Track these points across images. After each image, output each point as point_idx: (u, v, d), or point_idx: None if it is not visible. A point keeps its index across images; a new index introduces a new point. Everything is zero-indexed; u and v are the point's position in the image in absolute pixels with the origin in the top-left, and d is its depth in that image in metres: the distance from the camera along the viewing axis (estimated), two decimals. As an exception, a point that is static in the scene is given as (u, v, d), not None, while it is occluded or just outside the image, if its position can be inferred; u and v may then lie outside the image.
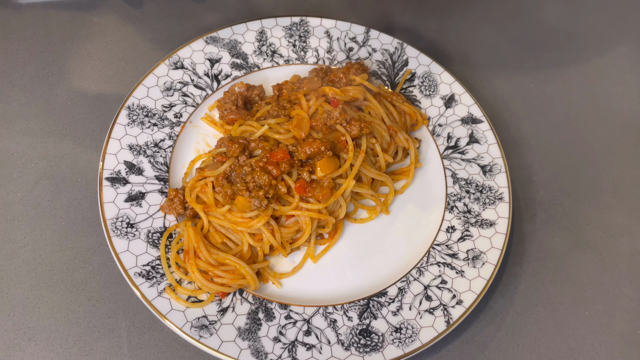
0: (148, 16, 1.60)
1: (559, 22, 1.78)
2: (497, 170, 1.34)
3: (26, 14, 1.55)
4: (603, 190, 1.44)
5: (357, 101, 1.33)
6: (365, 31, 1.52)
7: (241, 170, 1.16)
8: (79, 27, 1.54)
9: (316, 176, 1.19)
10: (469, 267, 1.21)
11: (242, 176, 1.16)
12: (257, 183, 1.14)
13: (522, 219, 1.37)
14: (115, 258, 1.12)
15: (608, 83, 1.65)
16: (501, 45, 1.70)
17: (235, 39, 1.47)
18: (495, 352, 1.19)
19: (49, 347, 1.10)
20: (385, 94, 1.40)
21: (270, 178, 1.14)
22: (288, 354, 1.08)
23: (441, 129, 1.41)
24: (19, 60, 1.46)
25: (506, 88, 1.60)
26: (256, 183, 1.14)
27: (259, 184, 1.14)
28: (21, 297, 1.15)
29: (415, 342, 1.11)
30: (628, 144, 1.53)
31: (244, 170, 1.16)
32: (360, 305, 1.16)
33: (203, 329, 1.08)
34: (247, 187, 1.14)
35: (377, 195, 1.30)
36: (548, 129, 1.54)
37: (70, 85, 1.43)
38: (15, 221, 1.23)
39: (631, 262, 1.33)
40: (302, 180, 1.18)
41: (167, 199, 1.21)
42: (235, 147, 1.18)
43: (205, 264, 1.13)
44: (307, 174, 1.18)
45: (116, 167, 1.23)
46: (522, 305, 1.25)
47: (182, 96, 1.37)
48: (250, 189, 1.14)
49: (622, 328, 1.24)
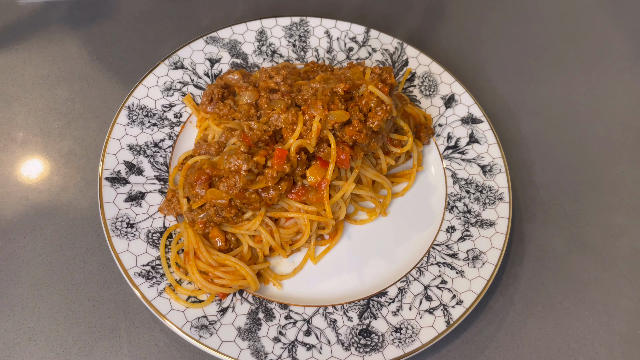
0: (148, 16, 1.60)
1: (559, 22, 1.78)
2: (497, 170, 1.34)
3: (26, 14, 1.55)
4: (603, 190, 1.44)
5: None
6: (365, 31, 1.52)
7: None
8: (78, 27, 1.54)
9: (308, 182, 1.18)
10: (469, 267, 1.21)
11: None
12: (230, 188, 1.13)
13: (522, 219, 1.37)
14: (115, 258, 1.12)
15: (608, 83, 1.65)
16: (501, 45, 1.70)
17: (235, 39, 1.47)
18: (495, 352, 1.19)
19: (49, 347, 1.10)
20: None
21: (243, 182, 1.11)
22: (288, 354, 1.08)
23: (441, 129, 1.41)
24: (19, 60, 1.46)
25: (506, 88, 1.60)
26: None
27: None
28: (21, 297, 1.15)
29: (415, 342, 1.11)
30: (628, 144, 1.53)
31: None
32: (360, 305, 1.16)
33: (203, 329, 1.08)
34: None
35: (377, 197, 1.30)
36: (548, 129, 1.54)
37: (70, 85, 1.43)
38: (15, 221, 1.23)
39: (631, 262, 1.33)
40: (299, 187, 1.18)
41: (165, 199, 1.21)
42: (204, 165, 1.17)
43: (205, 265, 1.13)
44: (299, 180, 1.18)
45: (116, 167, 1.23)
46: (522, 305, 1.25)
47: (182, 96, 1.37)
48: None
49: (622, 328, 1.24)
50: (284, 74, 1.28)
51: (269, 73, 1.30)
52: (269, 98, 1.24)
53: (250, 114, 1.24)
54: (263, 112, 1.21)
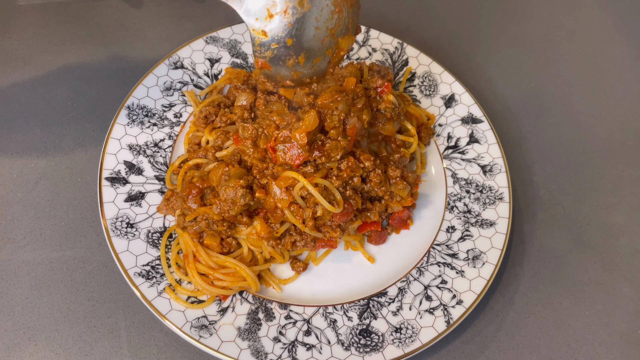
0: (148, 16, 1.60)
1: (559, 22, 1.78)
2: (497, 170, 1.34)
3: (26, 14, 1.55)
4: (603, 190, 1.44)
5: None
6: (365, 31, 1.51)
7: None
8: (79, 27, 1.54)
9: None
10: (469, 267, 1.21)
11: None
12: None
13: (522, 219, 1.37)
14: (115, 258, 1.12)
15: (608, 83, 1.65)
16: (501, 45, 1.70)
17: (235, 39, 1.47)
18: (495, 352, 1.19)
19: (49, 347, 1.10)
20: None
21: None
22: (288, 354, 1.08)
23: (441, 128, 1.41)
24: (19, 60, 1.46)
25: (506, 88, 1.60)
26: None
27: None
28: (21, 297, 1.15)
29: (415, 342, 1.11)
30: (628, 144, 1.53)
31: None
32: (360, 305, 1.16)
33: (203, 329, 1.08)
34: None
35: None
36: (548, 129, 1.54)
37: (70, 85, 1.43)
38: (15, 221, 1.23)
39: (631, 262, 1.33)
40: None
41: (164, 198, 1.21)
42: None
43: (205, 268, 1.13)
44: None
45: (116, 167, 1.23)
46: (522, 305, 1.25)
47: (182, 96, 1.37)
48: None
49: (622, 328, 1.24)
50: None
51: None
52: (266, 100, 1.23)
53: (245, 117, 1.25)
54: (260, 112, 1.21)
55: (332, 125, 1.11)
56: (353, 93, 1.15)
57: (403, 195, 1.21)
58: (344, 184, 1.13)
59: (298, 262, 1.20)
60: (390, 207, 1.22)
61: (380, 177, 1.17)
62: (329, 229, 1.15)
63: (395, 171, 1.21)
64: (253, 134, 1.15)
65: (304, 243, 1.16)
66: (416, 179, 1.26)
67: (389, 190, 1.20)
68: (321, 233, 1.15)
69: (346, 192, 1.14)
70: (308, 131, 1.07)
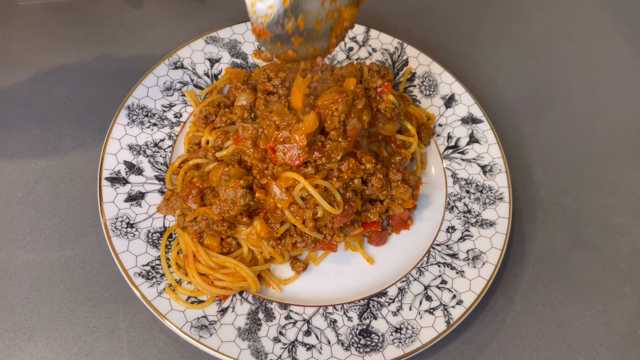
0: (148, 16, 1.60)
1: (559, 22, 1.78)
2: (497, 170, 1.34)
3: (26, 14, 1.55)
4: (603, 190, 1.44)
5: None
6: (365, 31, 1.51)
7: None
8: (79, 27, 1.54)
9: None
10: (469, 267, 1.21)
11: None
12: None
13: (522, 219, 1.37)
14: (115, 258, 1.12)
15: (608, 83, 1.65)
16: (501, 45, 1.70)
17: (235, 39, 1.47)
18: (495, 352, 1.19)
19: (49, 347, 1.10)
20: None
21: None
22: (288, 354, 1.08)
23: (441, 128, 1.41)
24: (19, 60, 1.46)
25: (506, 88, 1.60)
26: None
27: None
28: (21, 297, 1.15)
29: (415, 342, 1.11)
30: (628, 144, 1.53)
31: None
32: (360, 305, 1.16)
33: (203, 329, 1.08)
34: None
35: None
36: (548, 129, 1.54)
37: (70, 85, 1.43)
38: (15, 221, 1.23)
39: (631, 262, 1.33)
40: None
41: (164, 198, 1.21)
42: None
43: (205, 268, 1.13)
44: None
45: (116, 167, 1.23)
46: (522, 305, 1.25)
47: (182, 96, 1.37)
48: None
49: (622, 328, 1.24)
50: (282, 76, 1.28)
51: (267, 73, 1.29)
52: (266, 100, 1.23)
53: (245, 117, 1.24)
54: (260, 112, 1.21)
55: (332, 126, 1.11)
56: (353, 93, 1.15)
57: (405, 198, 1.21)
58: (345, 185, 1.13)
59: (298, 262, 1.20)
60: (392, 209, 1.22)
61: (382, 182, 1.16)
62: (331, 232, 1.15)
63: (396, 175, 1.21)
64: (253, 134, 1.15)
65: (305, 244, 1.16)
66: (417, 182, 1.26)
67: (390, 193, 1.20)
68: (321, 234, 1.15)
69: (346, 194, 1.14)
70: (308, 133, 1.07)
